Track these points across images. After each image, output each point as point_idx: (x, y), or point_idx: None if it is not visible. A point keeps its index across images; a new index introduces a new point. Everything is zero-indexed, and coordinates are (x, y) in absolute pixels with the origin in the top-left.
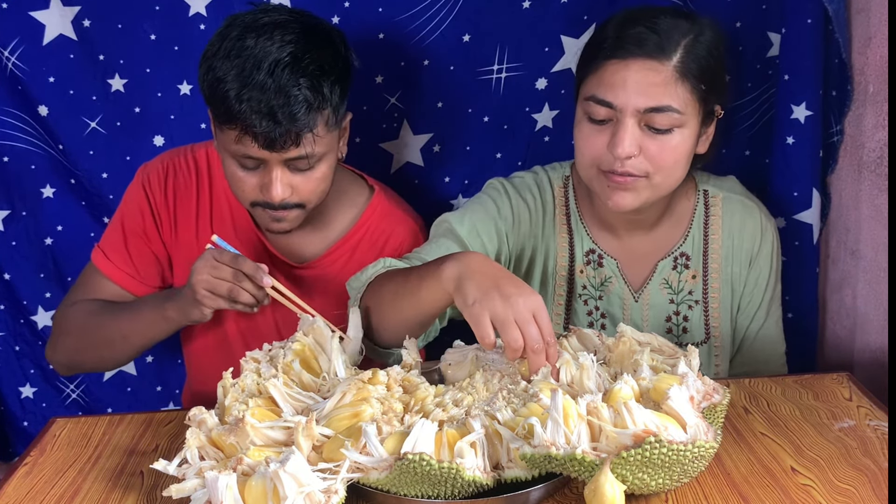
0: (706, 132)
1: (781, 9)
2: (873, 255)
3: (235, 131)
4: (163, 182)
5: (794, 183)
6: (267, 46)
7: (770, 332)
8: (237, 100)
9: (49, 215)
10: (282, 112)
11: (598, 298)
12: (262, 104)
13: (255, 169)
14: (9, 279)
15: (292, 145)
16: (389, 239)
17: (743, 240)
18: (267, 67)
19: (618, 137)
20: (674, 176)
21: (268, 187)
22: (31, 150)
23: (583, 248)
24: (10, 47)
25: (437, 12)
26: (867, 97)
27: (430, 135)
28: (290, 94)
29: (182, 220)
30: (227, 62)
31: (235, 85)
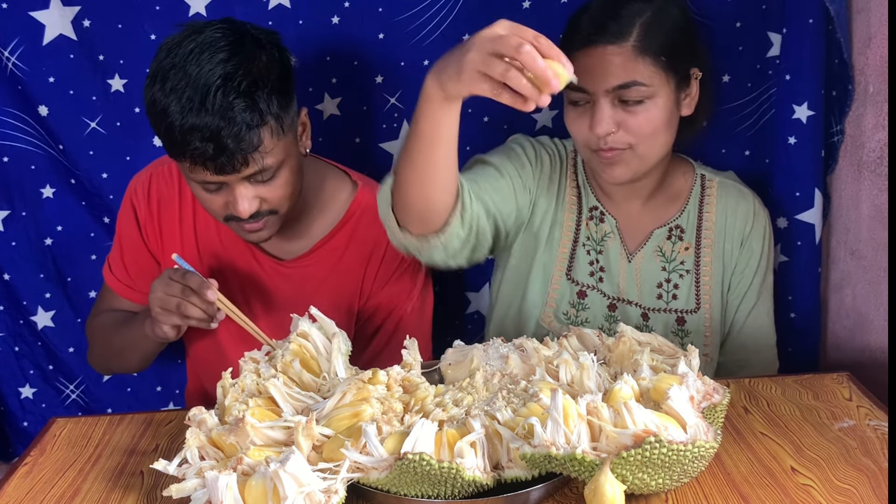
0: (687, 95)
1: (782, 9)
2: (873, 255)
3: (186, 162)
4: (146, 192)
5: (795, 183)
6: (196, 72)
7: (761, 320)
8: (180, 133)
9: (49, 215)
10: (225, 137)
11: (599, 252)
12: (205, 133)
13: (217, 191)
14: (8, 279)
15: (242, 166)
16: (376, 233)
17: (736, 219)
18: (199, 96)
19: (595, 118)
20: (658, 142)
21: (234, 205)
22: (31, 150)
23: (588, 203)
24: (10, 47)
25: (437, 12)
26: (867, 97)
27: None
28: (228, 118)
29: (167, 227)
30: (163, 94)
31: (177, 118)
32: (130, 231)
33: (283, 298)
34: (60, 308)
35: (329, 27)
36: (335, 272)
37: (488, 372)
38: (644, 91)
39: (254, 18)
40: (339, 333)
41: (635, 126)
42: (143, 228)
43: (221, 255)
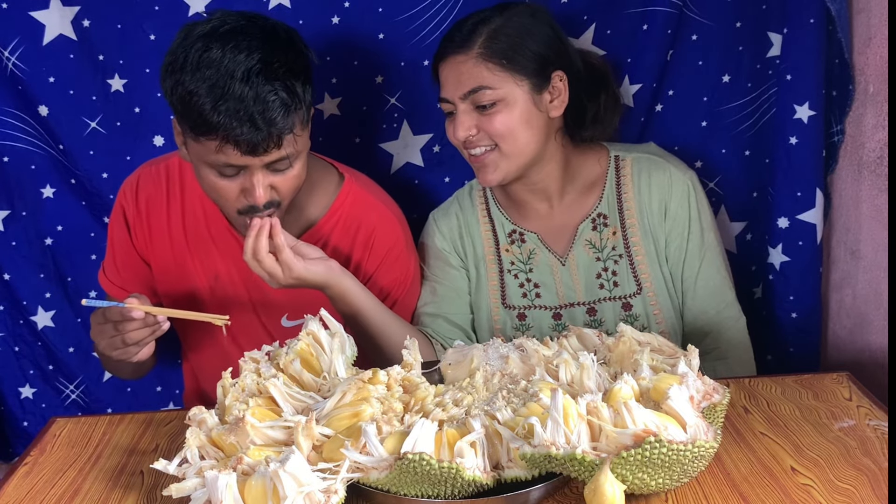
0: (552, 97)
1: (783, 9)
2: (873, 255)
3: (215, 141)
4: (135, 193)
5: (797, 183)
6: (234, 55)
7: (712, 280)
8: (214, 111)
9: (49, 215)
10: (261, 118)
11: (529, 271)
12: (241, 112)
13: (234, 176)
14: (8, 279)
15: (274, 148)
16: (361, 226)
17: (651, 192)
18: (240, 76)
19: (455, 124)
20: (519, 141)
21: (251, 192)
22: (31, 150)
23: (504, 230)
24: (10, 47)
25: (437, 12)
26: (867, 97)
27: (430, 135)
28: (266, 100)
29: (155, 227)
30: (197, 74)
31: (210, 97)
32: (121, 234)
33: (277, 293)
34: (60, 308)
35: (329, 27)
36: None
37: (488, 372)
38: (492, 94)
39: None
40: (344, 336)
41: (491, 128)
42: (133, 230)
43: (212, 251)
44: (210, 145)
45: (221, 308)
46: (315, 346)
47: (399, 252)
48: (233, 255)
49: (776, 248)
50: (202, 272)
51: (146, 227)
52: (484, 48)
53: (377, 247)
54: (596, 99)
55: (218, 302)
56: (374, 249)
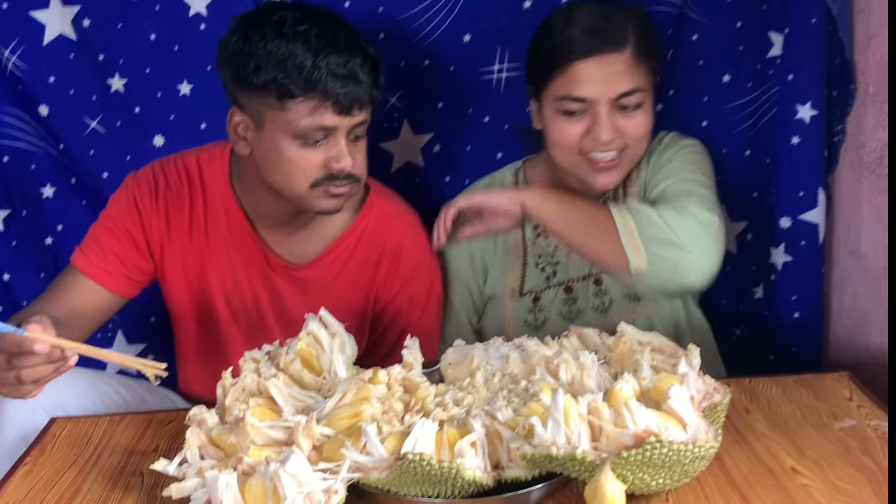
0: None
1: (784, 8)
2: (873, 255)
3: (313, 101)
4: (153, 190)
5: (799, 183)
6: (316, 19)
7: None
8: (315, 67)
9: (49, 215)
10: (361, 71)
11: (556, 263)
12: (341, 66)
13: (320, 144)
14: (8, 279)
15: (366, 106)
16: (388, 237)
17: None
18: (330, 38)
19: (599, 127)
20: (644, 144)
21: (338, 157)
22: (31, 150)
23: (531, 223)
24: (10, 47)
25: (438, 12)
26: (867, 97)
27: (430, 135)
28: (363, 53)
29: (175, 228)
30: (285, 43)
31: (309, 54)
32: (129, 222)
33: (295, 302)
34: None
35: None
36: (345, 275)
37: (489, 371)
38: (642, 96)
39: None
40: (345, 336)
41: (632, 130)
42: (147, 225)
43: (234, 258)
44: (304, 108)
45: (234, 315)
46: (315, 345)
47: (426, 265)
48: (255, 261)
49: (778, 248)
50: (219, 277)
51: (164, 225)
52: (636, 47)
53: (405, 259)
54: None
55: (232, 309)
56: (402, 262)
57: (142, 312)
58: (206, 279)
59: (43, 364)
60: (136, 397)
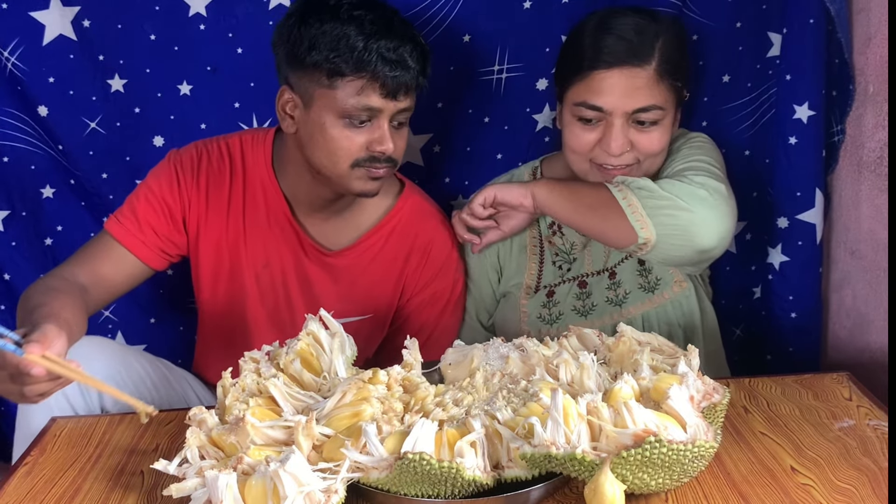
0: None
1: (783, 9)
2: (873, 255)
3: (362, 81)
4: (196, 167)
5: (796, 183)
6: (372, 6)
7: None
8: (366, 49)
9: (49, 215)
10: (410, 57)
11: (573, 261)
12: (392, 51)
13: (364, 125)
14: (9, 279)
15: (412, 92)
16: (420, 233)
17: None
18: (383, 24)
19: (610, 138)
20: (660, 159)
21: (381, 140)
22: (31, 151)
23: (546, 221)
24: (10, 47)
25: (437, 12)
26: (867, 97)
27: (430, 135)
28: (414, 41)
29: (214, 207)
30: (340, 25)
31: (362, 36)
32: (169, 195)
33: (323, 287)
34: None
35: None
36: (375, 266)
37: (488, 372)
38: (660, 114)
39: (254, 18)
40: (344, 337)
41: (646, 146)
42: (186, 199)
43: (268, 239)
44: (352, 87)
45: (262, 296)
46: (315, 345)
47: (452, 262)
48: (290, 244)
49: (776, 247)
50: (252, 257)
51: (203, 202)
52: (661, 65)
53: (435, 254)
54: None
55: (261, 290)
56: (431, 257)
57: (142, 313)
58: (238, 258)
59: (44, 383)
60: (158, 373)
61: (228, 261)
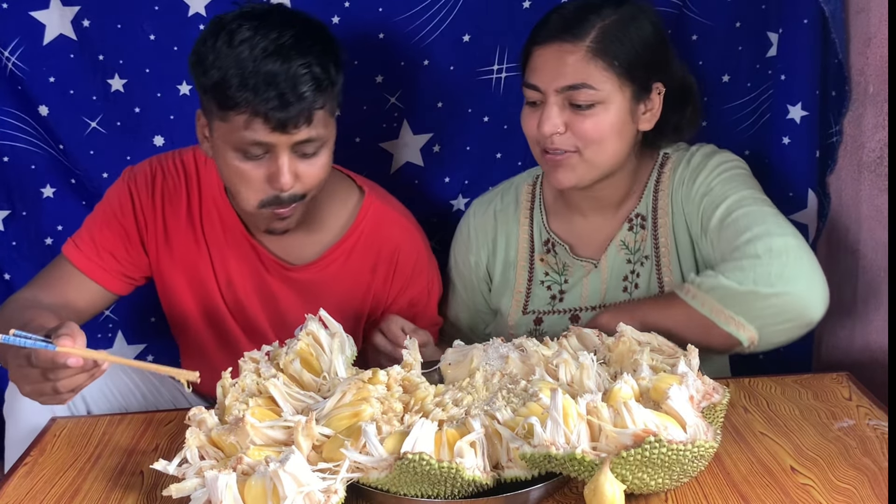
0: (646, 109)
1: (779, 9)
2: (873, 255)
3: (244, 116)
4: (150, 185)
5: (789, 183)
6: (267, 32)
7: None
8: (243, 85)
9: (49, 215)
10: (291, 91)
11: (564, 282)
12: (272, 85)
13: (260, 158)
14: (9, 279)
15: (304, 124)
16: (384, 242)
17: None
18: (273, 49)
19: (543, 116)
20: (606, 151)
21: (276, 176)
22: (31, 150)
23: (541, 237)
24: (10, 47)
25: (437, 12)
26: (867, 97)
27: (430, 135)
28: (297, 73)
29: (172, 223)
30: (229, 50)
31: (241, 69)
32: (123, 217)
33: (289, 303)
34: None
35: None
36: (341, 280)
37: (488, 372)
38: (593, 95)
39: None
40: (344, 337)
41: (582, 130)
42: (141, 219)
43: (227, 257)
44: (238, 121)
45: (232, 312)
46: (315, 346)
47: (422, 265)
48: (248, 261)
49: None
50: (214, 276)
51: (160, 221)
52: (596, 43)
53: (402, 263)
54: (682, 112)
55: (232, 307)
56: (399, 266)
57: (142, 313)
58: (203, 276)
59: (77, 374)
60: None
61: (194, 279)
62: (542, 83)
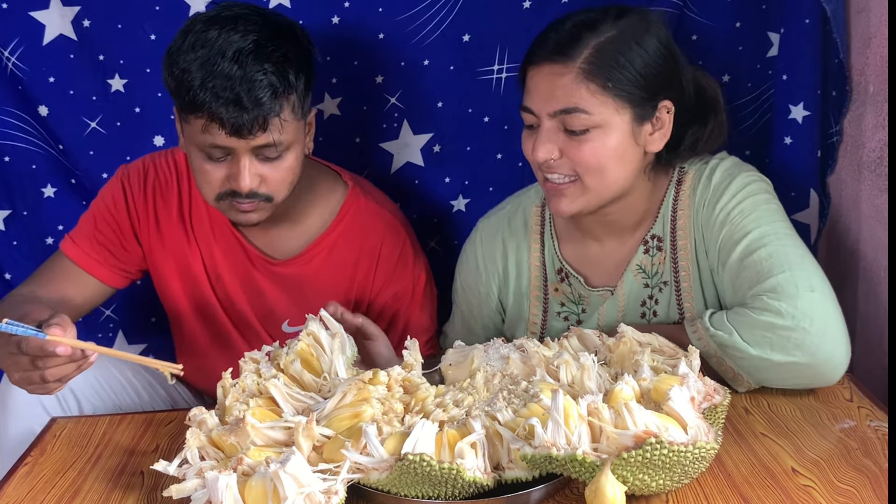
0: (654, 129)
1: (781, 9)
2: (873, 255)
3: (202, 120)
4: (142, 181)
5: (791, 183)
6: (230, 36)
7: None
8: (202, 88)
9: (49, 215)
10: (247, 97)
11: (581, 312)
12: (228, 90)
13: (222, 160)
14: (9, 279)
15: (259, 131)
16: (367, 236)
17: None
18: (231, 55)
19: (537, 142)
20: (607, 177)
21: (236, 177)
22: (31, 150)
23: (554, 266)
24: (10, 47)
25: (437, 12)
26: (867, 97)
27: (430, 135)
28: (254, 80)
29: (164, 219)
30: (192, 54)
31: (200, 73)
32: (117, 212)
33: (275, 297)
34: None
35: (329, 27)
36: (324, 274)
37: (489, 372)
38: (587, 119)
39: None
40: (345, 337)
41: (578, 156)
42: (134, 214)
43: (215, 251)
44: (197, 124)
45: (224, 307)
46: (315, 346)
47: (407, 259)
48: (235, 255)
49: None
50: (205, 270)
51: (152, 217)
52: (588, 63)
53: (386, 255)
54: (703, 126)
55: (220, 301)
56: (382, 258)
57: (142, 312)
58: (194, 271)
59: (65, 364)
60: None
61: (186, 273)
62: (535, 106)
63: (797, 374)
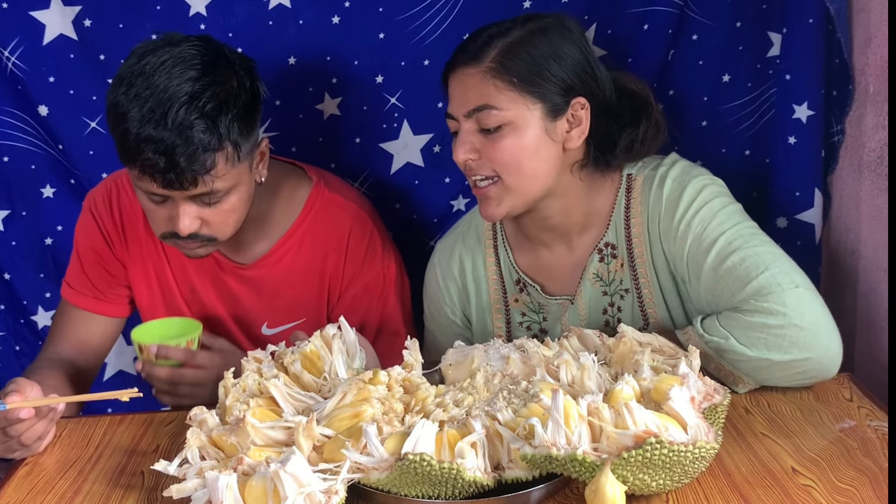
0: (570, 126)
1: (783, 8)
2: (873, 255)
3: (136, 170)
4: (108, 202)
5: (795, 183)
6: (164, 84)
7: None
8: (135, 141)
9: (49, 215)
10: (179, 154)
11: (543, 320)
12: (160, 146)
13: (162, 203)
14: (9, 279)
15: (190, 185)
16: (333, 229)
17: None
18: (161, 108)
19: (456, 143)
20: (525, 174)
21: (175, 221)
22: (31, 150)
23: (512, 278)
24: (10, 47)
25: (437, 12)
26: (867, 97)
27: (430, 135)
28: (185, 136)
29: (131, 238)
30: (126, 98)
31: (134, 125)
32: (94, 242)
33: (249, 302)
34: None
35: (329, 27)
36: (294, 272)
37: (489, 372)
38: (498, 116)
39: (254, 18)
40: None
41: (494, 154)
42: (108, 237)
43: (187, 263)
44: (133, 172)
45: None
46: (324, 348)
47: (376, 249)
48: (206, 264)
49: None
50: (178, 285)
51: (122, 238)
52: (495, 63)
53: (353, 247)
54: (635, 128)
55: (197, 314)
56: (350, 250)
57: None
58: (168, 285)
59: (36, 424)
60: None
61: (159, 289)
62: (453, 110)
63: (797, 370)
